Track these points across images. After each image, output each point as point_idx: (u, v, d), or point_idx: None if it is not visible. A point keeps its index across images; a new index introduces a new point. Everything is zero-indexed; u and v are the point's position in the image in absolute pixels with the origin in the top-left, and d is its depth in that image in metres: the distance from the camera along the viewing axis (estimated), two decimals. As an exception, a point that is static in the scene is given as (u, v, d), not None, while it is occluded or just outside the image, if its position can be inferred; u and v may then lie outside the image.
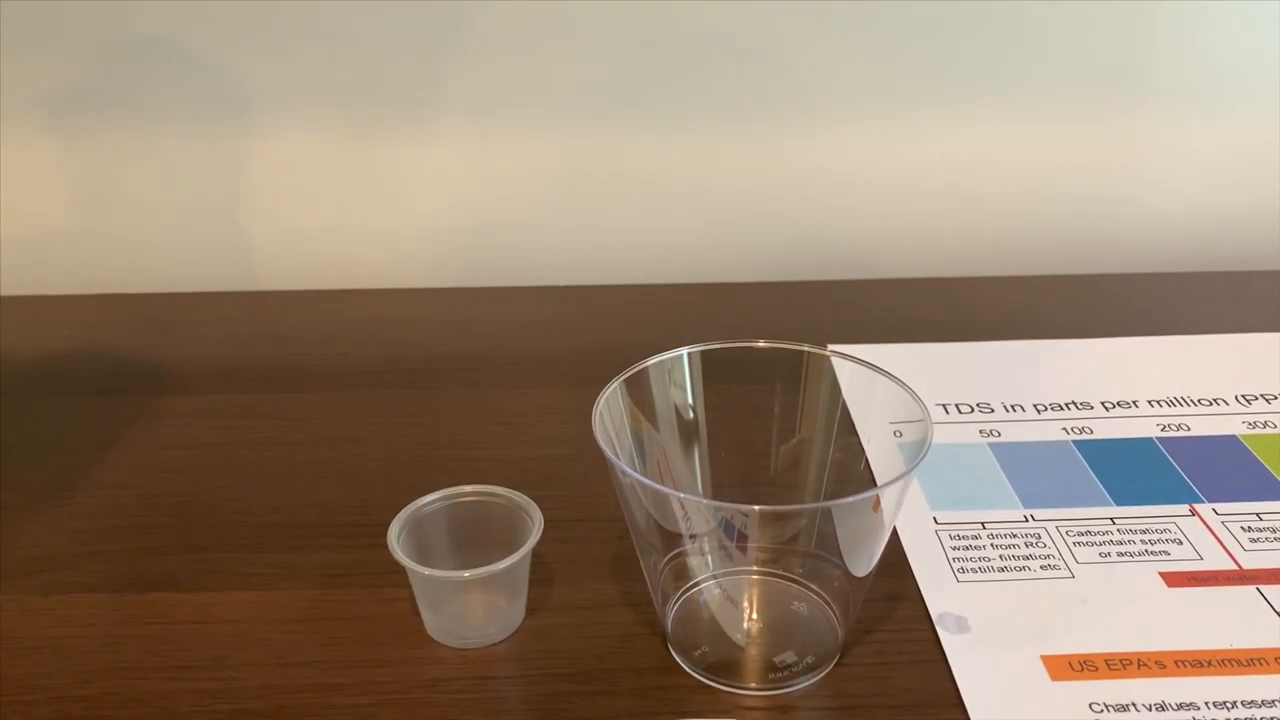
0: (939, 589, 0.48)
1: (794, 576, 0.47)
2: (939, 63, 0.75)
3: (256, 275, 0.80)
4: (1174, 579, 0.48)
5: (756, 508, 0.41)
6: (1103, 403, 0.61)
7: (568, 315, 0.73)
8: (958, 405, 0.61)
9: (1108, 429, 0.59)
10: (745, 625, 0.47)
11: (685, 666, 0.44)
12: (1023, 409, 0.61)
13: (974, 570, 0.49)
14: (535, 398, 0.63)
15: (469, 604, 0.46)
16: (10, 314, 0.73)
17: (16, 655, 0.46)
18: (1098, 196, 0.80)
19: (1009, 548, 0.50)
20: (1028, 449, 0.57)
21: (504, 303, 0.75)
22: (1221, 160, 0.79)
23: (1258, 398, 0.61)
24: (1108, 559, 0.50)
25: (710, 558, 0.46)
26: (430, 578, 0.44)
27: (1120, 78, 0.76)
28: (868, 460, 0.46)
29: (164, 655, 0.45)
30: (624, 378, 0.46)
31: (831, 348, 0.48)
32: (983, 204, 0.80)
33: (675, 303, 0.75)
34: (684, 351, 0.47)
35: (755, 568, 0.47)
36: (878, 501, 0.41)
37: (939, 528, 0.52)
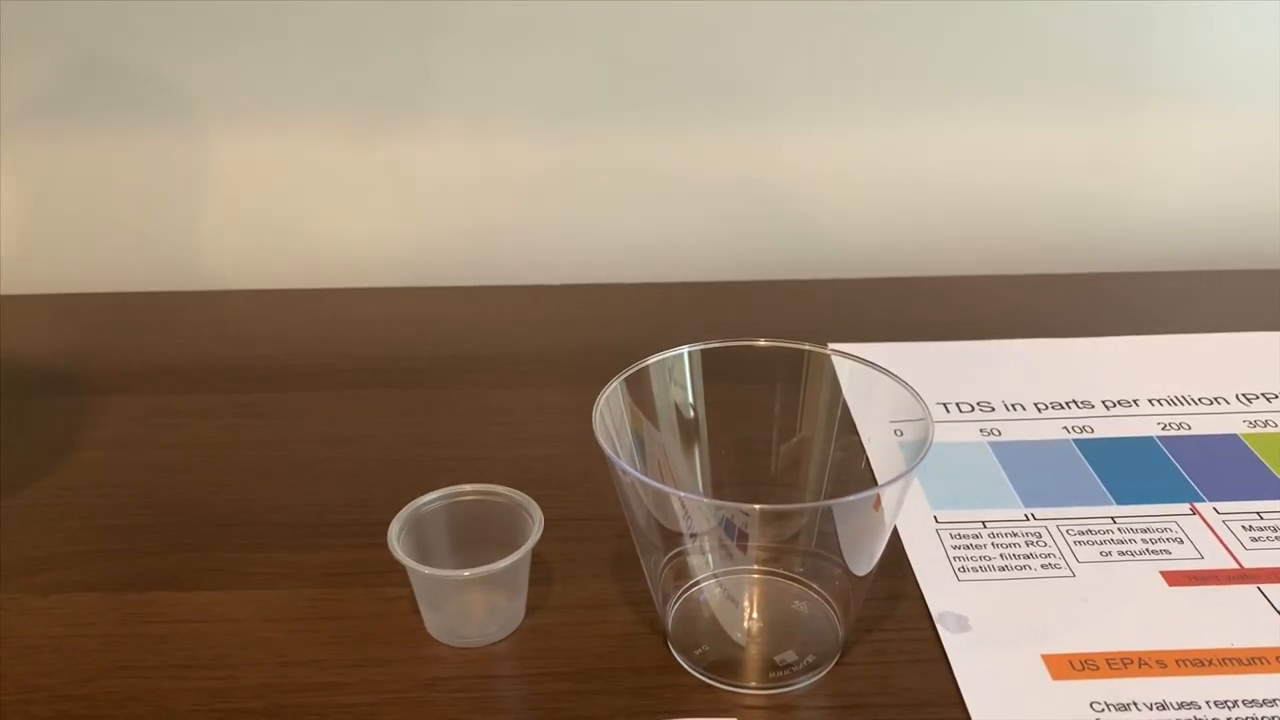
0: (940, 588, 0.48)
1: (794, 575, 0.46)
2: (939, 62, 0.75)
3: (256, 274, 0.79)
4: (1175, 578, 0.48)
5: (757, 507, 0.41)
6: (1103, 402, 0.61)
7: (568, 315, 0.73)
8: (958, 404, 0.61)
9: (1108, 428, 0.59)
10: (746, 624, 0.47)
11: (685, 666, 0.44)
12: (1023, 408, 0.61)
13: (975, 569, 0.49)
14: (535, 397, 0.63)
15: (469, 603, 0.46)
16: (10, 314, 0.73)
17: (16, 655, 0.45)
18: (1098, 196, 0.80)
19: (1010, 547, 0.50)
20: (1028, 448, 0.57)
21: (504, 302, 0.75)
22: (1221, 160, 0.79)
23: (1258, 396, 0.61)
24: (1109, 558, 0.50)
25: (711, 557, 0.46)
26: (430, 577, 0.44)
27: (1120, 78, 0.76)
28: (868, 459, 0.46)
29: (164, 654, 0.45)
30: (624, 376, 0.46)
31: (832, 346, 0.48)
32: (983, 203, 0.80)
33: (675, 301, 0.75)
34: (684, 350, 0.47)
35: (756, 567, 0.47)
36: (878, 500, 0.41)
37: (940, 527, 0.52)
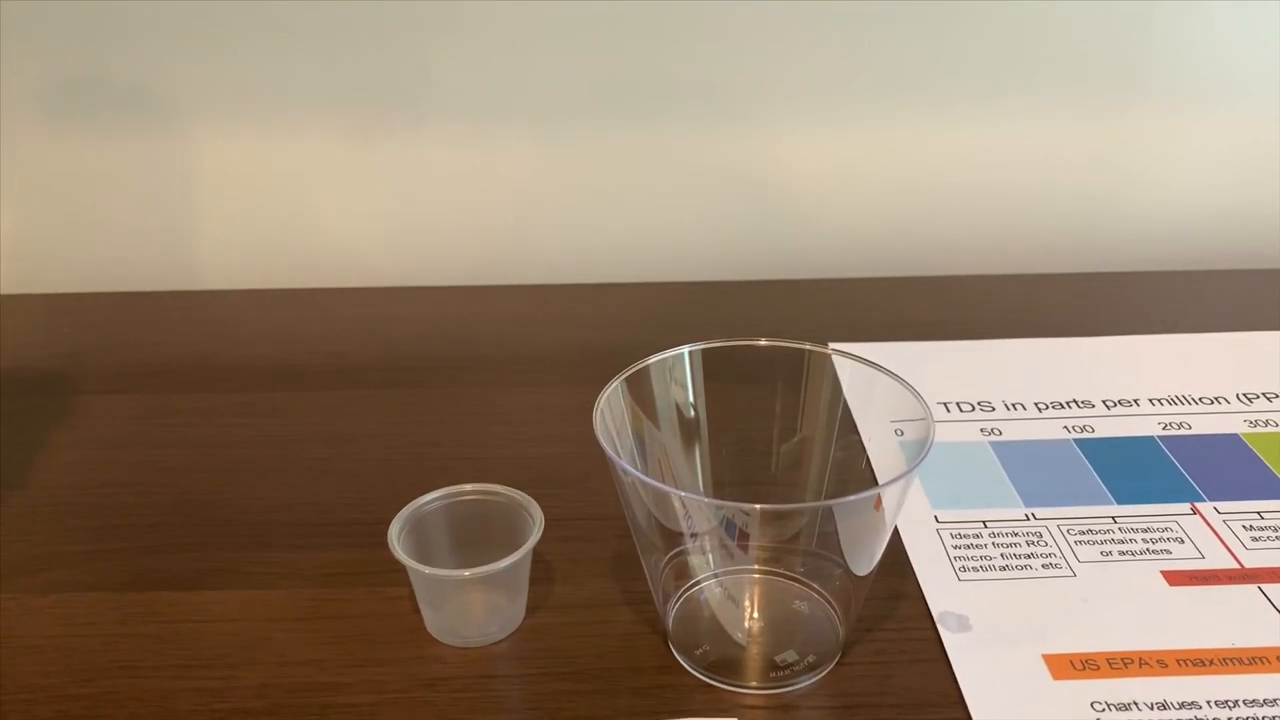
0: (940, 588, 0.48)
1: (795, 575, 0.46)
2: (939, 62, 0.75)
3: (256, 274, 0.79)
4: (1175, 578, 0.48)
5: (758, 506, 0.41)
6: (1104, 401, 0.61)
7: (568, 314, 0.73)
8: (959, 404, 0.61)
9: (1109, 427, 0.59)
10: (746, 624, 0.47)
11: (686, 665, 0.44)
12: (1024, 407, 0.61)
13: (975, 569, 0.49)
14: (535, 397, 0.63)
15: (469, 603, 0.46)
16: (10, 314, 0.73)
17: (17, 654, 0.45)
18: (1098, 195, 0.80)
19: (1010, 546, 0.50)
20: (1029, 447, 0.57)
21: (504, 302, 0.75)
22: (1221, 160, 0.79)
23: (1259, 396, 0.61)
24: (1109, 558, 0.50)
25: (711, 556, 0.46)
26: (431, 576, 0.44)
27: (1120, 77, 0.76)
28: (869, 459, 0.46)
29: (164, 654, 0.45)
30: (625, 376, 0.46)
31: (833, 346, 0.48)
32: (983, 203, 0.80)
33: (676, 301, 0.75)
34: (685, 350, 0.47)
35: (756, 566, 0.47)
36: (879, 500, 0.41)
37: (940, 526, 0.52)
